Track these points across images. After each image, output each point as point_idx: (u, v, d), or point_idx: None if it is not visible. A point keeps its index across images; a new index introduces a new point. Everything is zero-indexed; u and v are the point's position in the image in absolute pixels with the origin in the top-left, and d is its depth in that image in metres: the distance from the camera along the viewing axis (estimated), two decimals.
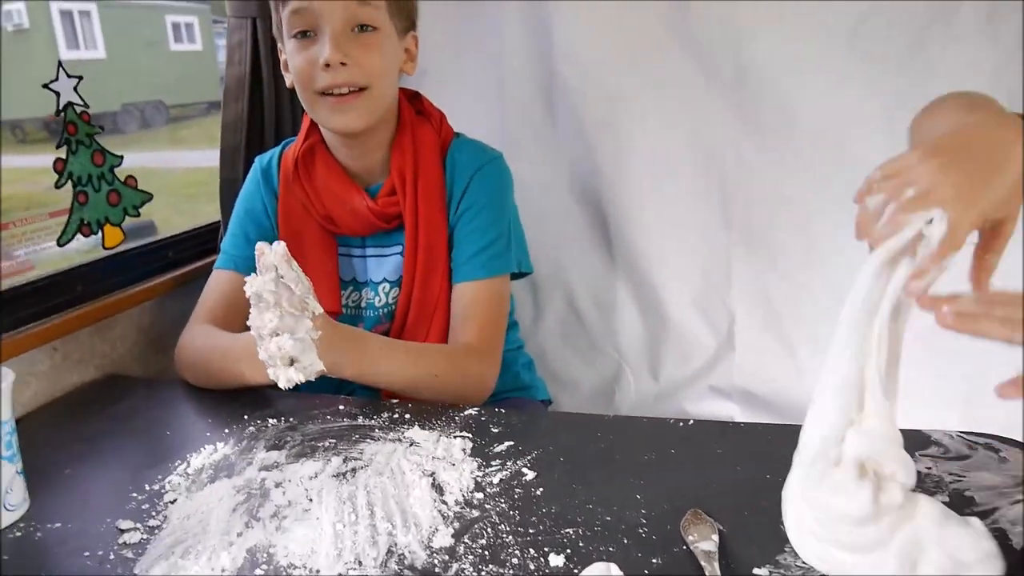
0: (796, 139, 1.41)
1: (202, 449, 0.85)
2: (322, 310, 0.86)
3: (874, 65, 1.33)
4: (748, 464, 0.76)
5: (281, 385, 0.84)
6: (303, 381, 0.84)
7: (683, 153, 1.50)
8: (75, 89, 1.12)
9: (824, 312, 1.09)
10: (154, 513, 0.74)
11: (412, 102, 1.16)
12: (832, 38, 1.34)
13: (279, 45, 1.11)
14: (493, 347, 1.07)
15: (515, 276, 1.15)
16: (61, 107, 1.11)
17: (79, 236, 1.14)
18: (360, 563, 0.65)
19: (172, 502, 0.76)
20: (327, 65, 1.00)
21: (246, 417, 0.93)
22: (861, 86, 1.34)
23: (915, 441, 0.77)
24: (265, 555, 0.67)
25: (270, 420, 0.92)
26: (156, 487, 0.79)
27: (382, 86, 1.06)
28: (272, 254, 0.81)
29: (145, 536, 0.71)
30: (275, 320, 0.82)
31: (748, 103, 1.43)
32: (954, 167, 0.54)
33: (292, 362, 0.84)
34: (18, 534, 0.73)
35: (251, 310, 0.83)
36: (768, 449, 0.78)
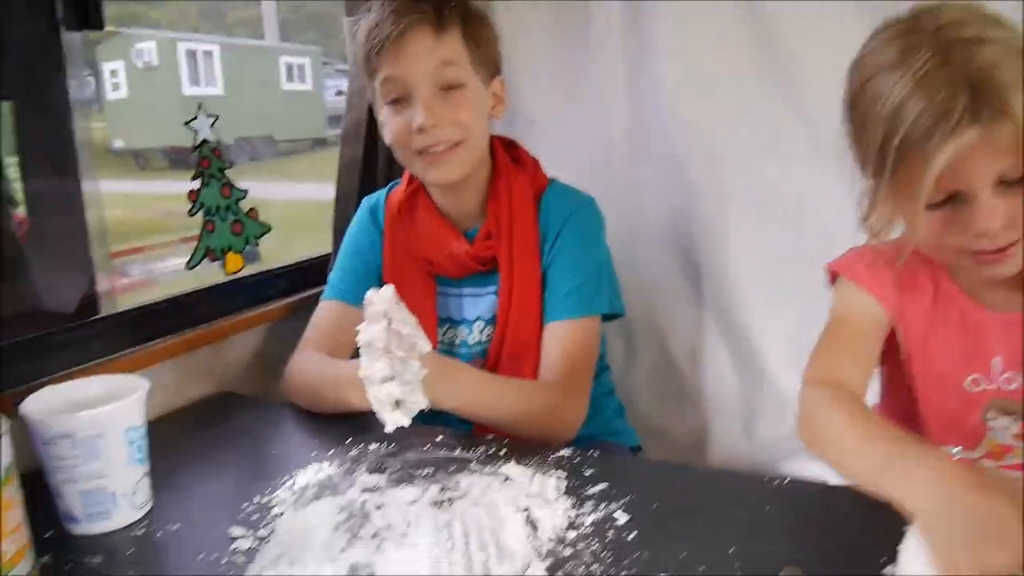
0: None
1: (307, 468, 0.90)
2: (430, 347, 0.89)
3: None
4: (847, 528, 0.74)
5: (387, 429, 0.86)
6: (408, 424, 0.87)
7: (781, 205, 1.49)
8: (211, 127, 1.22)
9: None
10: (263, 524, 0.79)
11: (508, 150, 1.20)
12: None
13: (374, 105, 1.17)
14: (583, 387, 1.08)
15: (608, 318, 1.17)
16: (197, 143, 1.21)
17: (205, 261, 1.23)
18: None
19: (280, 515, 0.80)
20: (420, 129, 1.06)
21: (349, 440, 0.97)
22: None
23: None
24: (367, 572, 0.70)
25: (372, 445, 0.96)
26: (264, 500, 0.84)
27: (474, 137, 1.11)
28: (381, 301, 0.85)
29: (255, 544, 0.75)
30: (386, 369, 0.84)
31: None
32: None
33: (398, 404, 0.87)
34: (141, 532, 0.79)
35: (362, 358, 0.86)
36: (868, 514, 0.76)
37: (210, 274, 1.25)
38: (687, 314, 1.60)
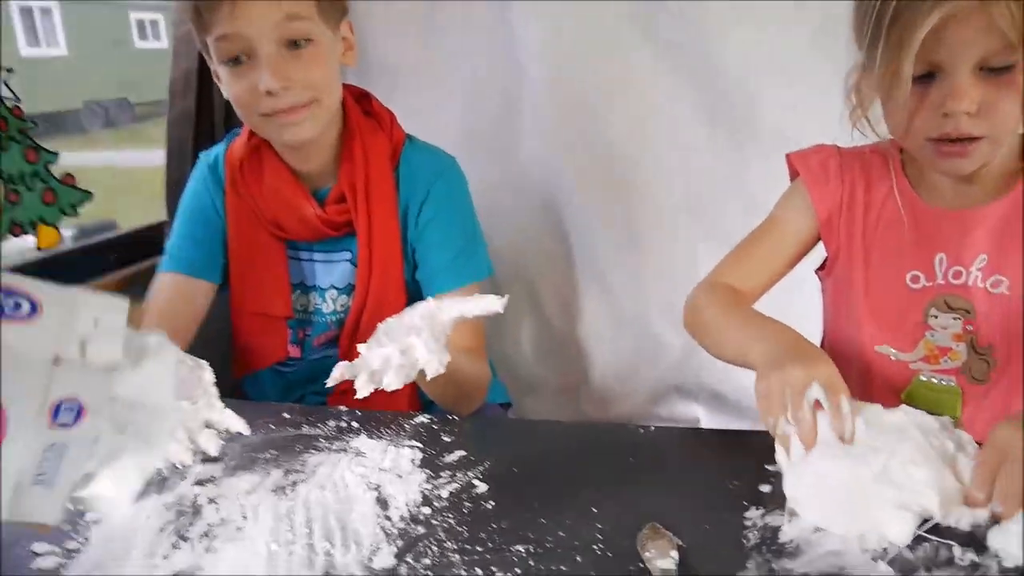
0: (762, 138, 1.38)
1: None
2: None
3: (836, 64, 1.31)
4: (711, 473, 0.72)
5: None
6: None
7: (649, 152, 1.47)
8: (5, 84, 1.06)
9: (790, 309, 1.07)
10: (74, 535, 0.69)
11: (360, 102, 1.11)
12: (796, 37, 1.32)
13: (207, 59, 1.04)
14: (484, 352, 1.09)
15: None
16: None
17: (10, 236, 1.08)
18: None
19: (95, 522, 0.71)
20: (269, 93, 0.95)
21: None
22: (823, 85, 1.31)
23: None
24: None
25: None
26: (80, 506, 0.73)
27: (327, 95, 1.01)
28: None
29: (63, 560, 0.65)
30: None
31: (715, 103, 1.40)
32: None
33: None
34: None
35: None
36: (732, 457, 0.75)
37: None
38: (556, 264, 1.57)
